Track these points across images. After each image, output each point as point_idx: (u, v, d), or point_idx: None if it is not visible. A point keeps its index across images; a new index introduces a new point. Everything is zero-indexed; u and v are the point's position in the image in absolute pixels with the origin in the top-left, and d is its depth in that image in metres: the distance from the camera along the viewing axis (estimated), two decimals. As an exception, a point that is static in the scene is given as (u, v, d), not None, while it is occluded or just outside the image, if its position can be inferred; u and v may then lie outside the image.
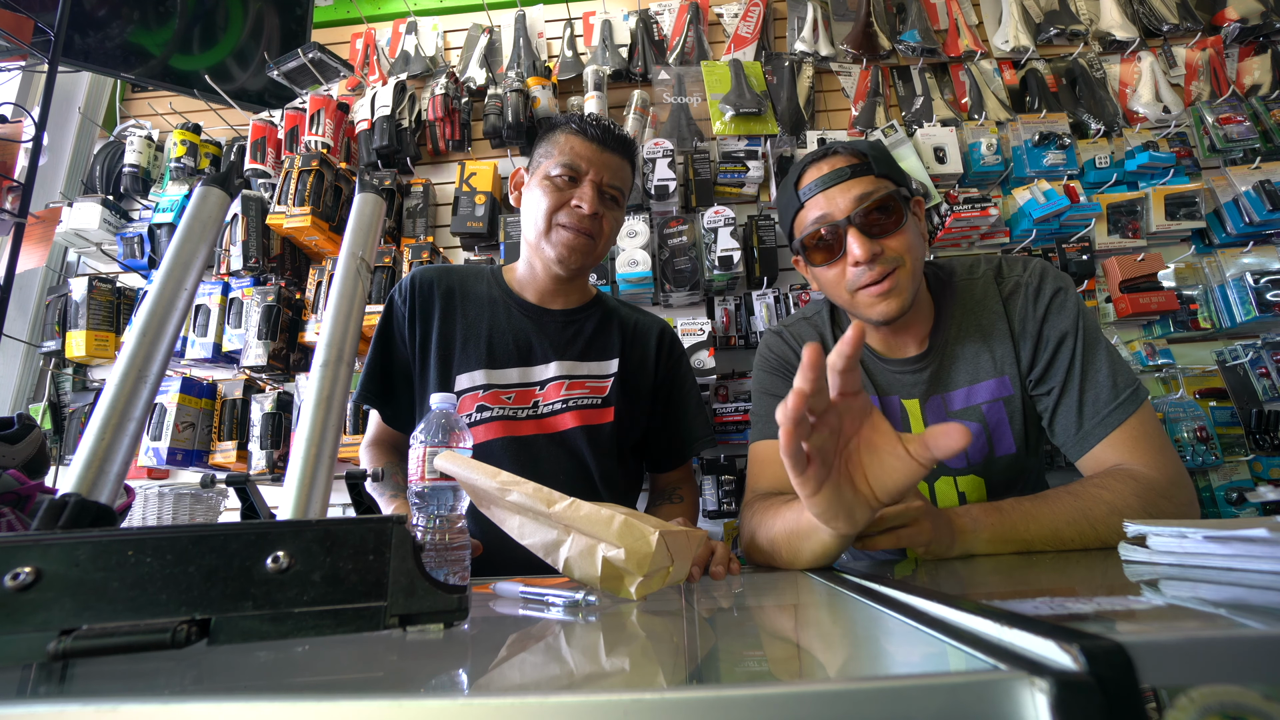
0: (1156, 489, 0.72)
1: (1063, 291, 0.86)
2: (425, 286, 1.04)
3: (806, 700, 0.23)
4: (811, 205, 0.85)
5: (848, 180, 0.82)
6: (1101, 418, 0.78)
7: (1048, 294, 0.86)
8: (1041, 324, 0.85)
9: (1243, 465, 1.53)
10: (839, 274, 0.85)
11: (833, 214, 0.82)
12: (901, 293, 0.82)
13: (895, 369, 0.92)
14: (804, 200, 0.85)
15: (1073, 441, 0.81)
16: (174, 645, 0.30)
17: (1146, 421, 0.77)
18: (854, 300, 0.85)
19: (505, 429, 0.97)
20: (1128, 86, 1.81)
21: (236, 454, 1.60)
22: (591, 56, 1.90)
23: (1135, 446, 0.76)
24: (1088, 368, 0.81)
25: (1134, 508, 0.69)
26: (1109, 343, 0.84)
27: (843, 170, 0.83)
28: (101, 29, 1.57)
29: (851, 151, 0.85)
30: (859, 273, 0.82)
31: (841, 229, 0.82)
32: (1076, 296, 0.86)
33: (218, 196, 0.49)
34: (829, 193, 0.83)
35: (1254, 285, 1.53)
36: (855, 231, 0.81)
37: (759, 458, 0.93)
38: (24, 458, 0.57)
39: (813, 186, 0.84)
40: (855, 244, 0.80)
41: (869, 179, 0.82)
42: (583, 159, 0.97)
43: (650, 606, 0.49)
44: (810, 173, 0.86)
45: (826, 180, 0.83)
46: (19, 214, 1.30)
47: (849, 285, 0.84)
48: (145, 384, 0.41)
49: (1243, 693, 0.27)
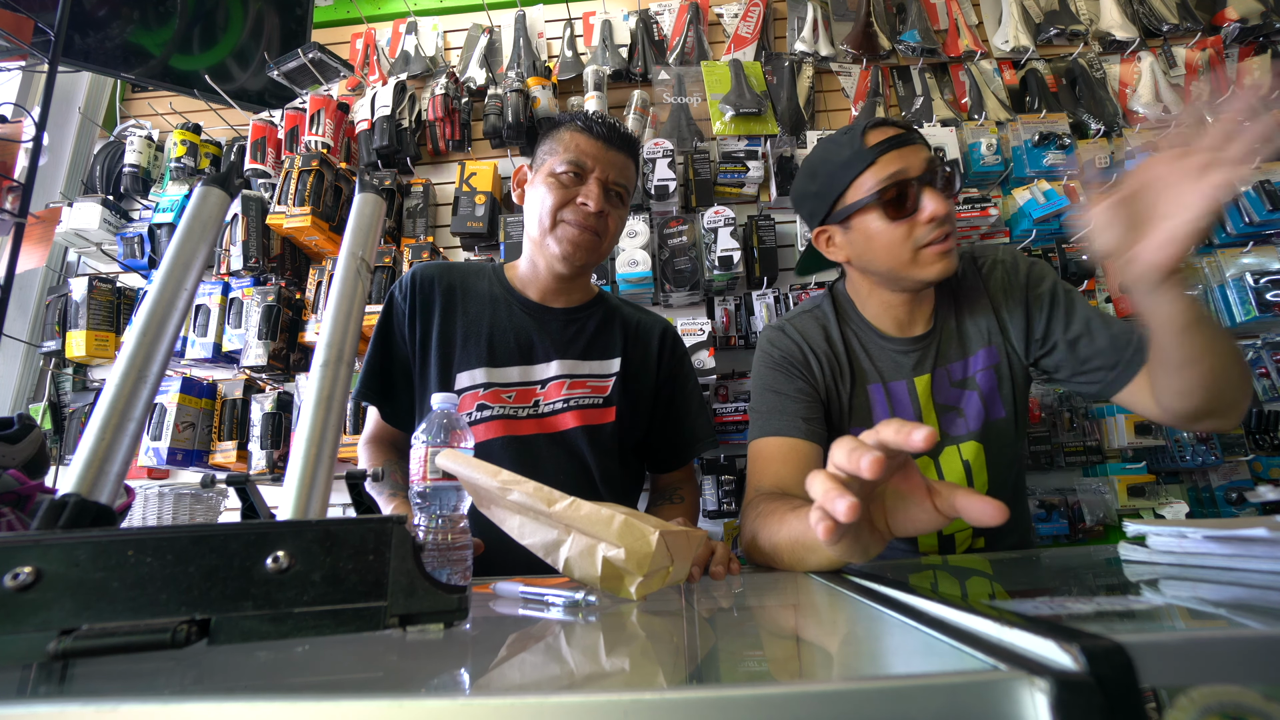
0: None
1: (1036, 263, 0.96)
2: (426, 283, 1.04)
3: (806, 700, 0.23)
4: (885, 161, 0.87)
5: (918, 144, 0.87)
6: (1136, 347, 0.83)
7: (1024, 266, 0.95)
8: (1027, 291, 0.93)
9: (1243, 465, 1.53)
10: (906, 232, 0.87)
11: (909, 170, 0.85)
12: (955, 255, 0.87)
13: (903, 348, 0.95)
14: (876, 157, 0.87)
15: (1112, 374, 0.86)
16: (174, 645, 0.30)
17: None
18: (916, 257, 0.87)
19: (505, 428, 0.97)
20: (1128, 86, 1.81)
21: (236, 454, 1.60)
22: (591, 56, 1.90)
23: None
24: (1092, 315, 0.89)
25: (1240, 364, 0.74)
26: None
27: (909, 134, 0.87)
28: (101, 29, 1.57)
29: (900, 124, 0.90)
30: (928, 230, 0.85)
31: (916, 186, 0.85)
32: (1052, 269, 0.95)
33: (218, 196, 0.49)
34: (903, 151, 0.86)
35: (1254, 285, 1.53)
36: (931, 190, 0.85)
37: (761, 454, 0.93)
38: (24, 458, 0.57)
39: (886, 144, 0.87)
40: (931, 201, 0.84)
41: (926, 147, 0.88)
42: (588, 156, 0.97)
43: (650, 606, 0.49)
44: (874, 134, 0.88)
45: (899, 140, 0.87)
46: (19, 214, 1.30)
47: (917, 241, 0.87)
48: (145, 384, 0.41)
49: (1243, 693, 0.27)
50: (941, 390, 0.95)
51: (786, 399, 0.93)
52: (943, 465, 0.94)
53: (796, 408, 0.92)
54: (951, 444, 0.94)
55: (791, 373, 0.95)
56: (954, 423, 0.94)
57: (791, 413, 0.92)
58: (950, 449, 0.94)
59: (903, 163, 0.86)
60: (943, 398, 0.95)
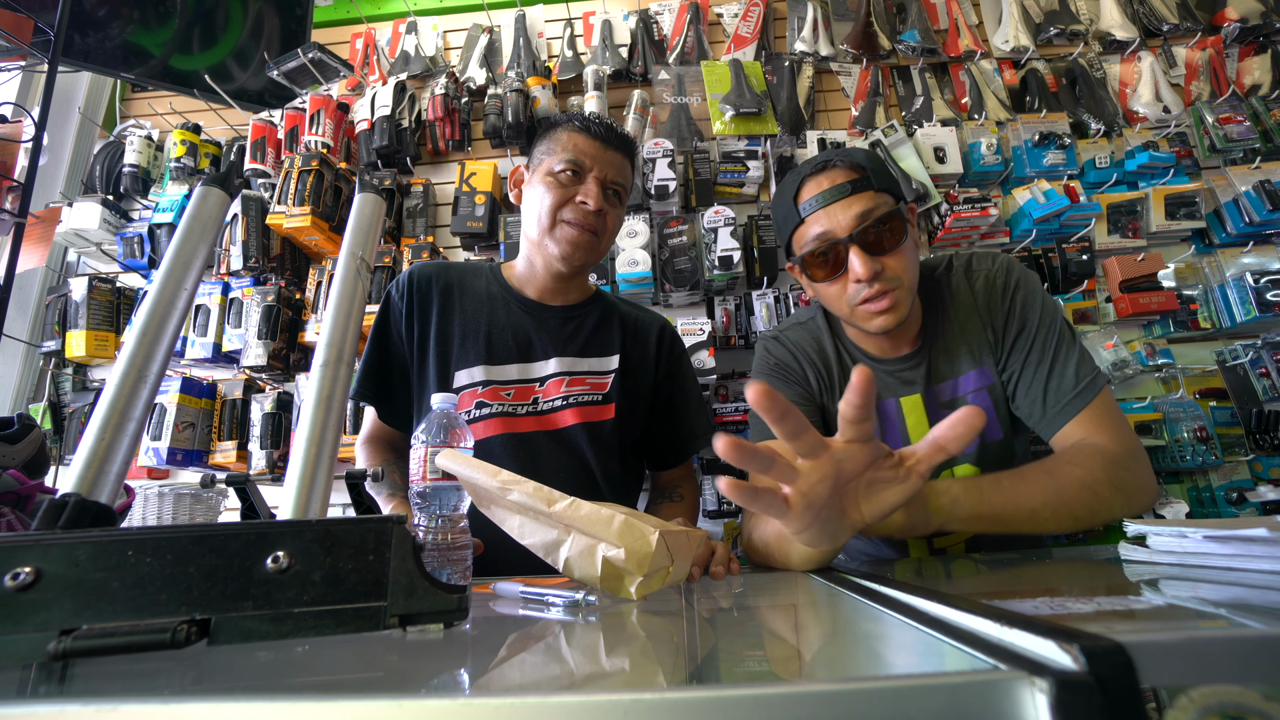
0: (1119, 462, 0.76)
1: (1026, 284, 0.90)
2: (423, 282, 1.04)
3: (806, 700, 0.23)
4: (812, 221, 0.84)
5: (849, 196, 0.82)
6: (1064, 404, 0.82)
7: (1013, 286, 0.90)
8: (1008, 314, 0.89)
9: (1243, 465, 1.53)
10: (840, 289, 0.86)
11: (834, 231, 0.83)
12: (899, 307, 0.84)
13: (890, 368, 0.94)
14: (804, 216, 0.85)
15: (1040, 423, 0.86)
16: (174, 645, 0.30)
17: (1107, 403, 0.82)
18: (853, 313, 0.87)
19: (505, 425, 0.97)
20: (1128, 86, 1.81)
21: (236, 454, 1.60)
22: (591, 56, 1.90)
23: (1098, 426, 0.81)
24: (1051, 357, 0.85)
25: (1101, 480, 0.73)
26: (1073, 332, 0.88)
27: (844, 186, 0.83)
28: (101, 29, 1.57)
29: (850, 164, 0.85)
30: (859, 289, 0.83)
31: (843, 247, 0.83)
32: (1041, 289, 0.91)
33: (218, 196, 0.49)
34: (830, 209, 0.83)
35: (1254, 285, 1.53)
36: (857, 250, 0.82)
37: None
38: (24, 458, 0.57)
39: (813, 202, 0.84)
40: (857, 262, 0.81)
41: (869, 195, 0.83)
42: (586, 155, 0.97)
43: (650, 606, 0.49)
44: (809, 186, 0.85)
45: (827, 196, 0.83)
46: (19, 214, 1.30)
47: (849, 300, 0.86)
48: (145, 384, 0.41)
49: (1243, 693, 0.27)
50: (933, 412, 0.92)
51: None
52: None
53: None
54: (944, 467, 0.91)
55: (789, 379, 0.97)
56: None
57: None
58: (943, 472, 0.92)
59: (829, 223, 0.83)
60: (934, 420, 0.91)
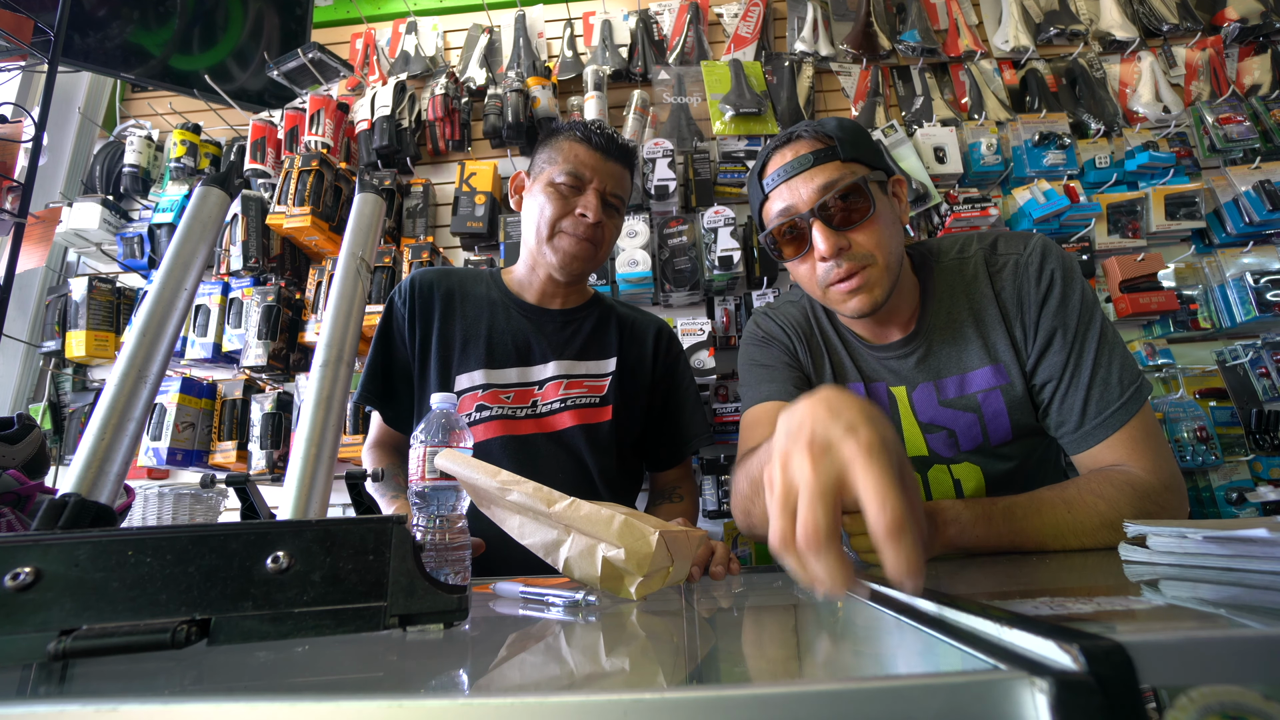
0: (1151, 495, 0.70)
1: (1064, 273, 0.79)
2: (425, 288, 1.05)
3: (806, 700, 0.23)
4: (775, 196, 0.79)
5: (811, 168, 0.77)
6: (1104, 418, 0.74)
7: (1047, 276, 0.79)
8: (1040, 309, 0.79)
9: (1243, 465, 1.52)
10: (810, 269, 0.80)
11: (796, 205, 0.77)
12: (873, 288, 0.78)
13: (881, 354, 0.88)
14: (767, 191, 0.80)
15: (1071, 438, 0.78)
16: (174, 645, 0.30)
17: (1147, 422, 0.75)
18: (826, 295, 0.81)
19: (504, 428, 0.98)
20: (1128, 86, 1.81)
21: (236, 454, 1.60)
22: (591, 56, 1.90)
23: (1134, 449, 0.74)
24: (1092, 362, 0.76)
25: (1127, 516, 0.67)
26: (1112, 330, 0.78)
27: (805, 157, 0.77)
28: (101, 29, 1.57)
29: (817, 134, 0.78)
30: (827, 268, 0.78)
31: (806, 222, 0.77)
32: (1079, 276, 0.79)
33: (218, 196, 0.49)
34: (791, 182, 0.77)
35: (1254, 285, 1.53)
36: (819, 224, 0.76)
37: (751, 422, 0.90)
38: (24, 458, 0.57)
39: (776, 176, 0.79)
40: (820, 238, 0.75)
41: (834, 165, 0.76)
42: (587, 167, 0.98)
43: (650, 606, 0.49)
44: (774, 160, 0.80)
45: (789, 169, 0.77)
46: (19, 214, 1.30)
47: (819, 281, 0.80)
48: (145, 384, 0.41)
49: (1243, 693, 0.27)
50: (928, 408, 0.85)
51: (775, 370, 0.90)
52: (930, 482, 0.89)
53: (788, 375, 0.89)
54: (941, 463, 0.88)
55: (779, 351, 0.93)
56: (943, 442, 0.86)
57: (782, 379, 0.89)
58: (939, 468, 0.88)
59: (791, 197, 0.77)
60: (929, 416, 0.86)
